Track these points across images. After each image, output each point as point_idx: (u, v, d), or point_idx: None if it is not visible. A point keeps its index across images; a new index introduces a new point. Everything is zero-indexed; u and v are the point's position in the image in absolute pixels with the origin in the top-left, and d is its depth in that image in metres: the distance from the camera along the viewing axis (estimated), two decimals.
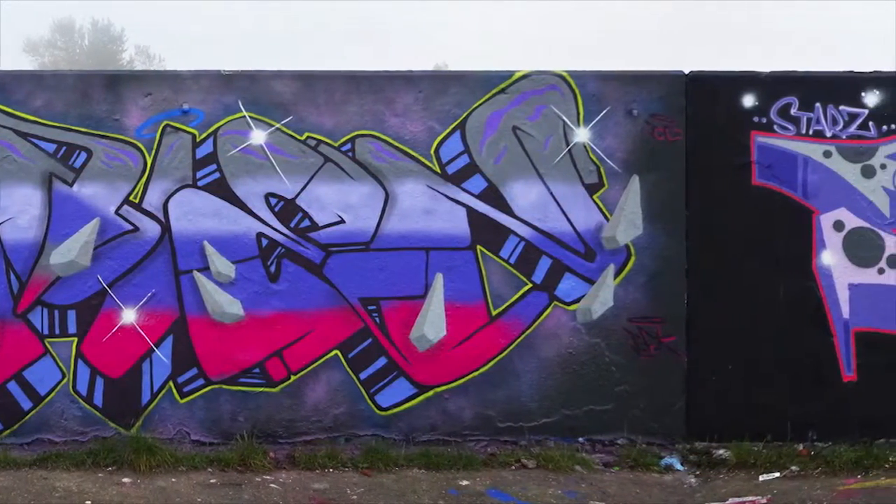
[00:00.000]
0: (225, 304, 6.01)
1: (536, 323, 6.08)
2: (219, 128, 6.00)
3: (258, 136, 6.00)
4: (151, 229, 5.99)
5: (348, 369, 6.06)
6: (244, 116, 5.98)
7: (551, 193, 6.06)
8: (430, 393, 6.09)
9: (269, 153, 5.99)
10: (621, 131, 6.06)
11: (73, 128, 5.95)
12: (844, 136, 6.07)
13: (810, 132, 6.06)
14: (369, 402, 6.08)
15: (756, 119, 6.06)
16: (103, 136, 5.96)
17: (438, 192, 6.05)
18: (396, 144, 6.03)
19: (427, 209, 6.04)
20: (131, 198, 5.97)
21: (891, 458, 5.96)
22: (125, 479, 5.61)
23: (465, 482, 5.69)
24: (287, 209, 6.02)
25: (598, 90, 6.06)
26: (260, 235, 6.02)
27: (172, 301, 6.00)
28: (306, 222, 6.03)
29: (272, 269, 6.02)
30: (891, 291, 6.08)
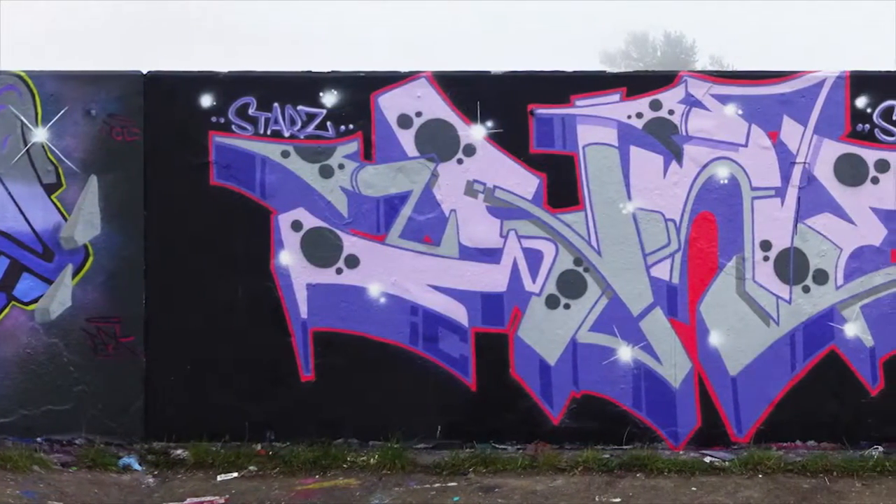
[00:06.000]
0: None
1: None
2: None
3: None
4: None
5: None
6: None
7: (9, 193, 6.06)
8: None
9: None
10: (80, 131, 6.05)
11: None
12: (303, 137, 6.05)
13: (268, 132, 6.05)
14: None
15: (214, 119, 6.05)
16: None
17: None
18: None
19: None
20: None
21: (348, 458, 5.98)
22: None
23: None
24: None
25: (56, 90, 6.05)
26: None
27: None
28: None
29: None
30: (348, 291, 6.07)
